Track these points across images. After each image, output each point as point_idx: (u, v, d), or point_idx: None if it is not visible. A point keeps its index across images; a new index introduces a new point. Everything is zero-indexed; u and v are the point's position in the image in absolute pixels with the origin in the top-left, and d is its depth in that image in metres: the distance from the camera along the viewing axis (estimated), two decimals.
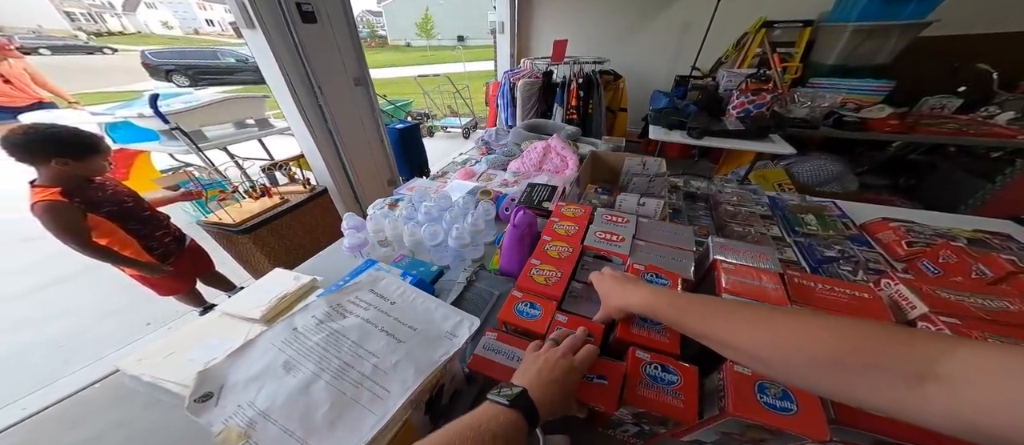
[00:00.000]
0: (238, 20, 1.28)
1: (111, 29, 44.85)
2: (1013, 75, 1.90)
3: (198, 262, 1.50)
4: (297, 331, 0.42)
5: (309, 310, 0.45)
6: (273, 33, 1.33)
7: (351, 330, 0.43)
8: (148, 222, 1.26)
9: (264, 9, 1.28)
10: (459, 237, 0.83)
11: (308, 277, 0.83)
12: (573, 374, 0.40)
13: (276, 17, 1.33)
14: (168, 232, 1.33)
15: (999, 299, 0.49)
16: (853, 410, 0.40)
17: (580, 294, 0.60)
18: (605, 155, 1.24)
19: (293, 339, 0.41)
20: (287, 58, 1.40)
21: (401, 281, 0.52)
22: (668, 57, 3.30)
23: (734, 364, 0.44)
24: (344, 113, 1.69)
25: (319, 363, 0.39)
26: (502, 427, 0.32)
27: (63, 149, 1.02)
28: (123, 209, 1.17)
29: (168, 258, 1.31)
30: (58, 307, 1.81)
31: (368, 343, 0.41)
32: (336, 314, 0.45)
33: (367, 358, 0.40)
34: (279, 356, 0.40)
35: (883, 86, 2.04)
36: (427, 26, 24.18)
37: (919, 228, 0.85)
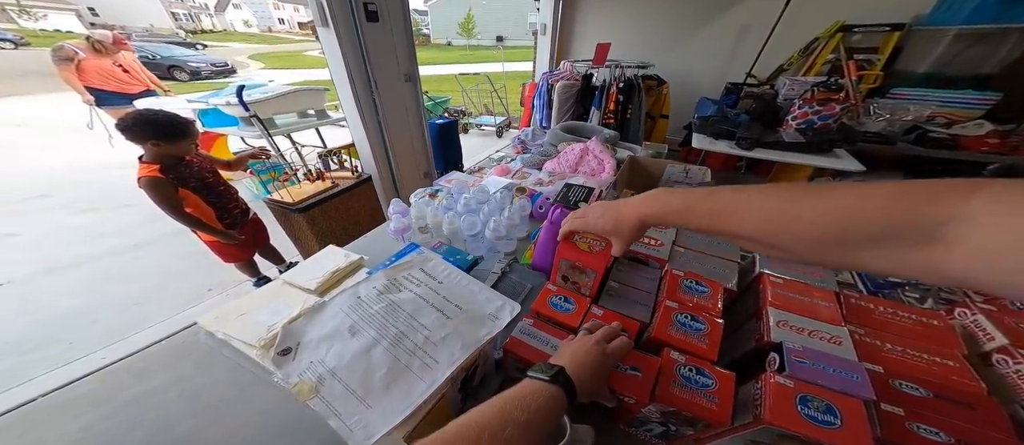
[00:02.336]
0: (315, 19, 1.43)
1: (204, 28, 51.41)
2: None
3: (258, 234, 1.70)
4: (361, 299, 0.48)
5: (371, 282, 0.51)
6: (343, 31, 1.47)
7: (406, 303, 0.47)
8: (223, 196, 1.46)
9: (338, 9, 1.43)
10: (496, 229, 0.87)
11: (356, 256, 0.91)
12: (606, 360, 0.42)
13: (347, 16, 1.46)
14: (238, 205, 1.54)
15: None
16: (906, 433, 0.37)
17: (617, 292, 0.61)
18: (644, 161, 1.22)
19: (357, 306, 0.47)
20: (352, 55, 1.54)
21: (447, 263, 0.56)
22: (719, 63, 3.11)
23: (775, 374, 0.43)
24: (393, 107, 1.82)
25: (379, 330, 0.44)
26: (545, 399, 0.34)
27: (159, 132, 1.18)
28: (205, 184, 1.37)
29: (235, 227, 1.50)
30: (135, 270, 2.12)
31: (421, 316, 0.46)
32: (393, 287, 0.50)
33: (420, 330, 0.44)
34: (346, 320, 0.45)
35: (986, 99, 1.76)
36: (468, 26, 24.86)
37: None
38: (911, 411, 0.38)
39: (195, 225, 1.35)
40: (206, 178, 1.37)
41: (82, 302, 1.84)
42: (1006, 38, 1.73)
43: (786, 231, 0.30)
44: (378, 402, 0.36)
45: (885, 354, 0.45)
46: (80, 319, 1.73)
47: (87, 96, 2.72)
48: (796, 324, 0.49)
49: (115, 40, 2.78)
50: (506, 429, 0.29)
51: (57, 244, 2.30)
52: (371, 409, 0.35)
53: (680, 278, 0.57)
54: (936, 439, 0.35)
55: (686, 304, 0.52)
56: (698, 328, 0.49)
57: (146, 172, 1.20)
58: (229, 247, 1.54)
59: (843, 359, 0.43)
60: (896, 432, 0.36)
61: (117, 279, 2.02)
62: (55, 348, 1.56)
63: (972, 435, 0.35)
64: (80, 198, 2.86)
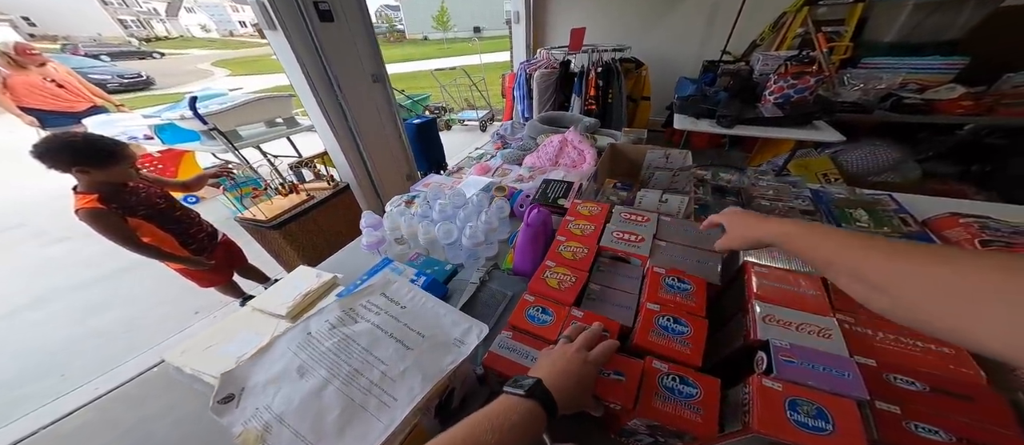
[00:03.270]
0: (260, 22, 1.33)
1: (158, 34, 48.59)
2: None
3: (232, 256, 1.61)
4: (311, 336, 0.43)
5: (323, 314, 0.46)
6: (293, 33, 1.37)
7: (362, 336, 0.43)
8: (182, 221, 1.35)
9: (284, 10, 1.32)
10: (473, 236, 0.83)
11: (329, 275, 0.87)
12: (588, 367, 0.39)
13: (295, 17, 1.36)
14: (201, 229, 1.43)
15: None
16: (904, 434, 0.35)
17: (597, 296, 0.57)
18: (625, 148, 1.18)
19: (307, 343, 0.43)
20: (307, 57, 1.44)
21: (412, 285, 0.52)
22: (695, 42, 3.08)
23: (764, 377, 0.40)
24: (363, 110, 1.73)
25: (331, 369, 0.40)
26: (520, 416, 0.32)
27: (80, 157, 1.03)
28: (157, 211, 1.26)
29: (203, 252, 1.41)
30: (120, 296, 2.03)
31: (377, 350, 0.42)
32: (348, 319, 0.46)
33: (376, 365, 0.40)
34: (294, 360, 0.41)
35: (954, 63, 1.79)
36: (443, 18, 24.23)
37: (995, 225, 0.73)
38: (908, 408, 0.35)
39: (157, 255, 1.26)
40: (157, 204, 1.26)
41: (68, 334, 1.79)
42: (963, 6, 1.76)
43: None
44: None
45: (878, 344, 0.43)
46: (68, 351, 1.68)
47: (26, 118, 2.48)
48: (783, 317, 0.46)
49: (19, 50, 2.43)
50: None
51: (34, 276, 2.23)
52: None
53: (661, 276, 0.54)
54: (935, 438, 0.33)
55: (668, 305, 0.49)
56: (681, 331, 0.46)
57: (83, 204, 1.07)
58: (201, 273, 1.46)
59: (833, 355, 0.40)
60: (893, 433, 0.34)
61: (101, 308, 1.95)
62: (46, 381, 1.51)
63: (973, 431, 0.33)
64: (51, 227, 2.72)
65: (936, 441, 0.33)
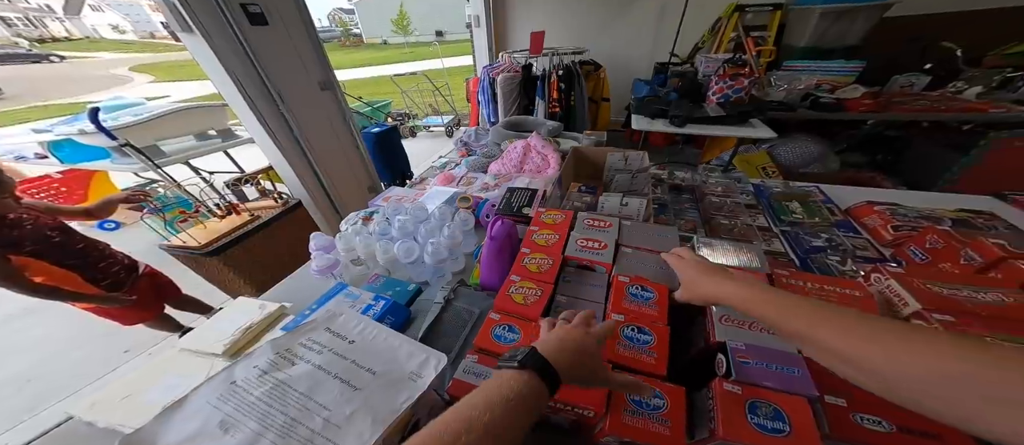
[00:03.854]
0: (171, 24, 1.16)
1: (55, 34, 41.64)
2: (977, 51, 1.95)
3: (160, 289, 1.40)
4: (236, 385, 0.37)
5: (251, 359, 0.40)
6: (216, 37, 1.22)
7: (300, 380, 0.38)
8: (84, 255, 1.15)
9: (201, 11, 1.17)
10: (436, 253, 0.78)
11: (275, 305, 0.78)
12: (589, 340, 0.37)
13: (217, 19, 1.21)
14: (113, 261, 1.23)
15: (993, 290, 0.47)
16: (852, 426, 0.37)
17: (565, 307, 0.56)
18: (587, 150, 1.20)
19: (231, 394, 0.36)
20: (237, 64, 1.29)
21: (361, 317, 0.47)
22: (647, 44, 3.27)
23: (724, 381, 0.41)
24: (311, 120, 1.59)
25: (262, 420, 0.34)
26: (515, 390, 0.29)
27: None
28: (50, 245, 1.06)
29: (120, 287, 1.21)
30: (30, 338, 1.70)
31: (319, 394, 0.37)
32: (283, 362, 0.40)
33: (318, 411, 0.35)
34: (215, 414, 0.35)
35: (854, 67, 2.07)
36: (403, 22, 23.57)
37: (903, 211, 0.84)
38: (852, 401, 0.37)
39: (57, 296, 1.06)
40: (50, 237, 1.06)
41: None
42: (857, 15, 2.04)
43: None
44: None
45: None
46: None
47: None
48: (738, 317, 0.48)
49: None
50: (461, 438, 0.25)
51: None
52: None
53: (626, 285, 0.54)
54: (879, 428, 0.35)
55: (632, 314, 0.49)
56: (645, 340, 0.46)
57: None
58: (122, 310, 1.25)
59: (783, 352, 0.42)
60: (842, 428, 0.36)
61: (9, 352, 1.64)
62: None
63: (906, 418, 0.36)
64: None
65: (880, 432, 0.35)
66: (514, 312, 0.53)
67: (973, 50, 1.93)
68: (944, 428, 0.36)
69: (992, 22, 2.03)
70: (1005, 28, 1.94)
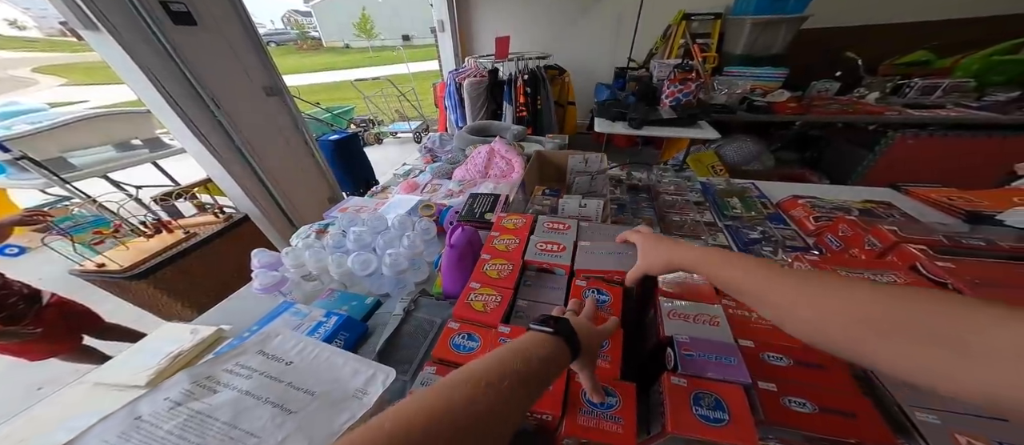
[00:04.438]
0: (70, 20, 1.01)
1: None
2: (874, 61, 2.29)
3: (72, 318, 1.22)
4: (142, 420, 0.33)
5: (161, 391, 0.35)
6: (129, 36, 1.08)
7: (222, 408, 0.34)
8: None
9: (107, 6, 1.02)
10: (395, 264, 0.75)
11: (210, 329, 0.70)
12: (596, 331, 0.41)
13: (128, 16, 1.08)
14: (9, 292, 1.05)
15: (888, 273, 0.54)
16: (782, 410, 0.41)
17: (525, 312, 0.56)
18: (550, 154, 1.22)
19: (134, 430, 0.32)
20: (158, 65, 1.16)
21: (301, 336, 0.44)
22: (607, 49, 3.42)
23: (672, 375, 0.43)
24: (256, 128, 1.47)
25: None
26: (549, 351, 0.32)
27: None
28: None
29: (21, 320, 1.03)
30: None
31: (245, 422, 0.34)
32: (202, 390, 0.36)
33: (244, 440, 0.32)
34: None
35: (780, 73, 2.34)
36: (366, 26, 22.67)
37: (821, 203, 0.95)
38: (782, 384, 0.41)
39: None
40: None
41: None
42: (780, 26, 2.31)
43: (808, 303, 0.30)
44: None
45: (752, 325, 0.50)
46: None
47: None
48: (683, 311, 0.51)
49: None
50: (504, 381, 0.27)
51: None
52: None
53: (583, 289, 0.55)
54: (804, 410, 0.39)
55: None
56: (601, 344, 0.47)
57: None
58: (26, 345, 1.07)
59: (722, 343, 0.45)
60: (775, 412, 0.39)
61: None
62: None
63: (826, 398, 0.40)
64: None
65: (805, 413, 0.39)
66: (473, 320, 0.52)
67: (871, 60, 2.26)
68: (860, 406, 0.41)
69: (884, 36, 2.40)
70: (894, 41, 2.31)
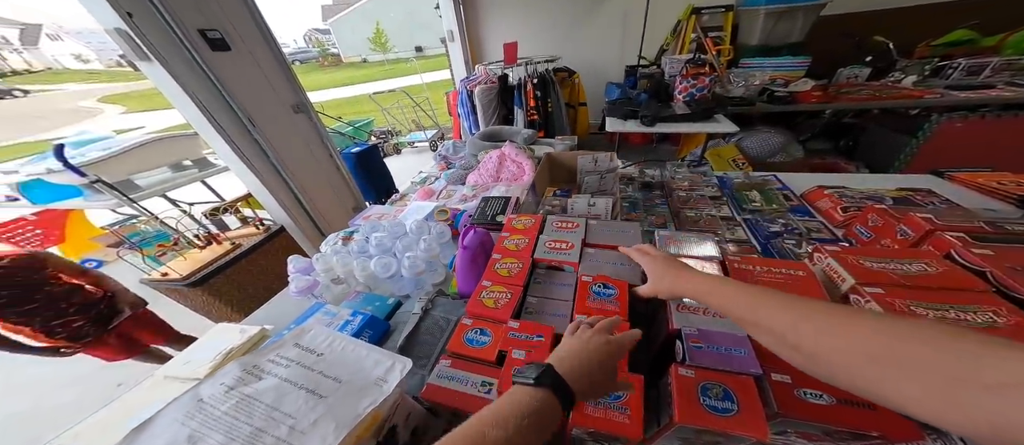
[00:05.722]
0: (128, 54, 1.15)
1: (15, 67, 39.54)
2: (907, 44, 2.13)
3: (148, 329, 1.36)
4: (203, 402, 0.39)
5: (218, 378, 0.41)
6: (176, 65, 1.21)
7: (266, 393, 0.39)
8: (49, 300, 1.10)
9: (157, 40, 1.16)
10: (413, 266, 0.79)
11: (255, 328, 0.78)
12: (610, 349, 0.38)
13: (175, 48, 1.21)
14: (88, 305, 1.18)
15: (918, 261, 0.51)
16: (797, 402, 0.40)
17: (535, 308, 0.58)
18: (560, 156, 1.24)
19: (197, 411, 0.38)
20: (202, 91, 1.28)
21: (331, 331, 0.48)
22: (616, 48, 3.38)
23: (680, 366, 0.43)
24: (287, 144, 1.59)
25: (228, 433, 0.36)
26: (529, 408, 0.29)
27: None
28: None
29: (81, 339, 1.16)
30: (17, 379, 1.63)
31: (284, 404, 0.39)
32: (250, 377, 0.41)
33: (283, 420, 0.37)
34: (181, 431, 0.36)
35: (802, 62, 2.23)
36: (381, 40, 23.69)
37: (850, 192, 0.90)
38: (797, 376, 0.40)
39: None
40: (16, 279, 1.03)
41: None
42: (797, 14, 2.21)
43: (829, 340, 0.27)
44: None
45: None
46: None
47: None
48: (693, 304, 0.51)
49: None
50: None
51: None
52: None
53: (589, 284, 0.56)
54: (821, 402, 0.38)
55: (595, 312, 0.52)
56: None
57: None
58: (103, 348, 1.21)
59: (731, 334, 0.45)
60: (788, 404, 0.38)
61: None
62: None
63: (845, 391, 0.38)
64: None
65: (822, 405, 0.38)
66: (485, 316, 0.55)
67: (903, 43, 2.10)
68: None
69: (913, 17, 2.24)
70: (927, 22, 2.15)
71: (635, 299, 0.55)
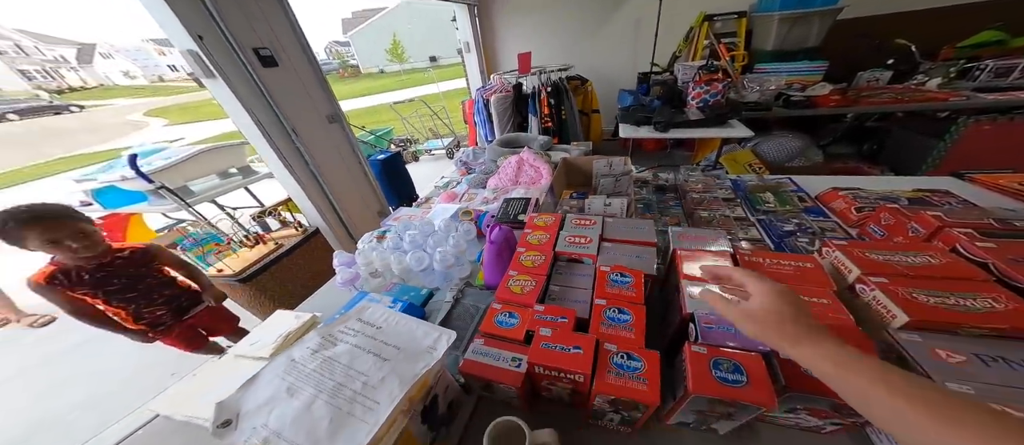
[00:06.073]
0: (196, 72, 1.31)
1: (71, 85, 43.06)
2: (931, 46, 2.10)
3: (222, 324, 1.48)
4: (295, 362, 0.47)
5: (304, 343, 0.49)
6: (235, 80, 1.36)
7: (342, 355, 0.47)
8: (148, 290, 1.23)
9: (221, 59, 1.32)
10: (443, 260, 0.87)
11: (308, 314, 0.88)
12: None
13: (235, 65, 1.36)
14: (179, 294, 1.31)
15: (923, 254, 0.55)
16: (804, 377, 0.44)
17: (558, 295, 0.64)
18: (575, 160, 1.30)
19: (292, 368, 0.46)
20: (255, 104, 1.43)
21: (386, 309, 0.56)
22: (628, 56, 3.43)
23: (692, 344, 0.48)
24: (323, 151, 1.74)
25: (317, 385, 0.44)
26: None
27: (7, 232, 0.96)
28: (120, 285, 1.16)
29: (157, 326, 1.28)
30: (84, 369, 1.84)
31: (357, 364, 0.46)
32: (327, 343, 0.50)
33: (357, 377, 0.45)
34: (282, 384, 0.45)
35: (818, 66, 2.22)
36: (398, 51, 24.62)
37: (865, 194, 0.92)
38: None
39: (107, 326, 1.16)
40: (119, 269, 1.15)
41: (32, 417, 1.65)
42: (812, 19, 2.21)
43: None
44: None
45: None
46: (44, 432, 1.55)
47: None
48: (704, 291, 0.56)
49: None
50: None
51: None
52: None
53: (607, 273, 0.62)
54: None
55: (613, 298, 0.57)
56: (625, 319, 0.54)
57: (33, 275, 1.04)
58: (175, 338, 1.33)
59: None
60: (796, 379, 0.42)
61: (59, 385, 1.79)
62: None
63: None
64: None
65: None
66: (513, 301, 0.62)
67: (925, 45, 2.07)
68: None
69: (934, 19, 2.21)
70: (949, 24, 2.11)
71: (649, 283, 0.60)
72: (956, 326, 0.44)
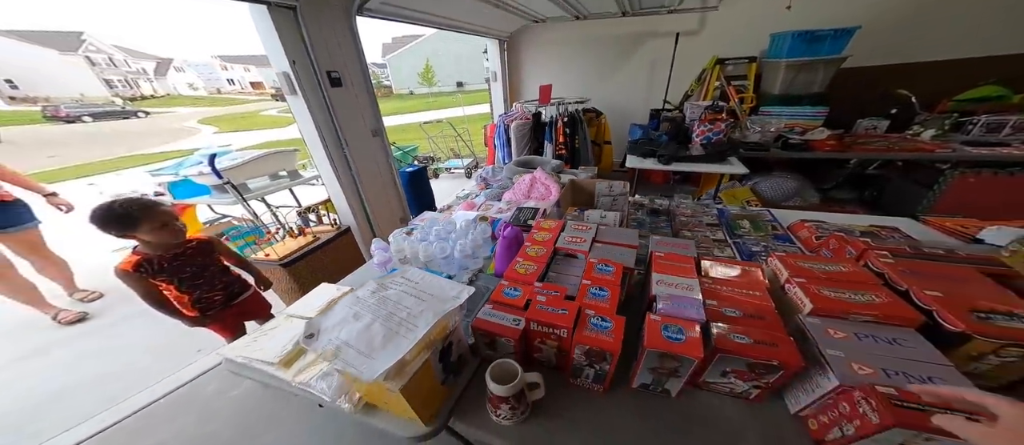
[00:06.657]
0: (284, 88, 1.62)
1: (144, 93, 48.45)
2: (930, 98, 2.23)
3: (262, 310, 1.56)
4: (359, 298, 0.66)
5: (366, 286, 0.69)
6: (311, 97, 1.67)
7: (392, 296, 0.67)
8: (210, 278, 1.33)
9: (305, 79, 1.64)
10: (463, 251, 1.07)
11: (347, 287, 1.08)
12: None
13: (313, 84, 1.67)
14: (232, 282, 1.42)
15: (837, 265, 0.70)
16: (728, 341, 0.59)
17: (554, 279, 0.82)
18: (581, 182, 1.50)
19: (356, 302, 0.66)
20: (321, 117, 1.73)
21: (422, 271, 0.76)
22: (642, 93, 3.69)
23: (651, 315, 0.65)
24: (364, 161, 2.02)
25: (374, 313, 0.63)
26: None
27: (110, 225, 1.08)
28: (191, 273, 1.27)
29: (208, 311, 1.35)
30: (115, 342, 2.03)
31: (403, 302, 0.65)
32: (381, 288, 0.69)
33: (403, 309, 0.64)
34: (349, 311, 0.64)
35: (820, 111, 2.38)
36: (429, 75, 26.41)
37: (826, 226, 1.07)
38: (732, 327, 0.60)
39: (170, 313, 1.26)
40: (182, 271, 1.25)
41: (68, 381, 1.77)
42: (817, 67, 2.38)
43: None
44: (378, 355, 0.54)
45: (720, 294, 0.69)
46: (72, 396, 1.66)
47: None
48: (669, 282, 0.72)
49: None
50: None
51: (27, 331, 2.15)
52: (374, 359, 0.53)
53: (594, 264, 0.80)
54: (743, 342, 0.57)
55: (596, 280, 0.75)
56: (603, 295, 0.71)
57: (119, 264, 1.15)
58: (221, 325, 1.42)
59: (690, 298, 0.66)
60: (723, 342, 0.58)
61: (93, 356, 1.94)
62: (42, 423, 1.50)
63: (759, 335, 0.58)
64: None
65: (743, 343, 0.57)
66: (518, 279, 0.80)
67: (925, 97, 2.21)
68: (782, 340, 0.58)
69: (934, 73, 2.35)
70: (949, 77, 2.25)
71: (626, 276, 0.77)
72: (846, 313, 0.59)
